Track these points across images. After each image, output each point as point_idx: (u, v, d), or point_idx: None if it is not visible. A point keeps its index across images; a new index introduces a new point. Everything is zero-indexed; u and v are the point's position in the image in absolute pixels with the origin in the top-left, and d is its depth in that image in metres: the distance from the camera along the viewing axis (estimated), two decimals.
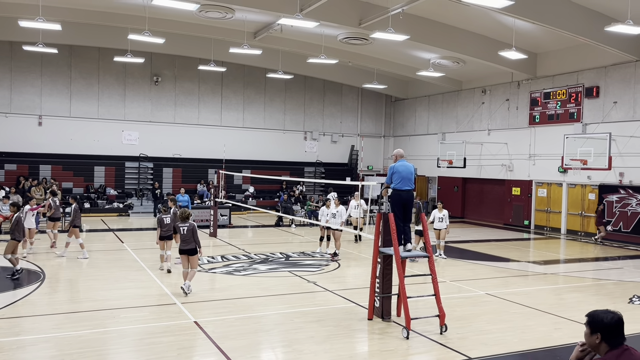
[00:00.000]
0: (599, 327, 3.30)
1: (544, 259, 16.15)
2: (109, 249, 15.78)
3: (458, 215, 26.92)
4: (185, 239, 10.21)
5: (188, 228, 10.21)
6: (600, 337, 3.30)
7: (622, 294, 11.44)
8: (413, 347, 7.65)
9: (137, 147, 27.52)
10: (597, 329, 3.31)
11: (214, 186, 20.88)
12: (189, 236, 10.19)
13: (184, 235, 10.20)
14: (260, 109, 30.39)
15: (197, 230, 10.37)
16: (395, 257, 8.45)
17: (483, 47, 21.24)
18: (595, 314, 3.37)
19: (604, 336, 3.29)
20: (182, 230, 10.22)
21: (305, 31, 20.85)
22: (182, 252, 10.32)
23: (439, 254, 15.15)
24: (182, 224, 10.29)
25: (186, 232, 10.18)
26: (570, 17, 17.30)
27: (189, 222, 10.34)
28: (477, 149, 25.92)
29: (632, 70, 19.76)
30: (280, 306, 9.72)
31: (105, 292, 10.37)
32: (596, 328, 3.32)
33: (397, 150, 9.17)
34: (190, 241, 10.20)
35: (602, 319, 3.31)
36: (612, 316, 3.32)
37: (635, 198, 19.55)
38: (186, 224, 10.28)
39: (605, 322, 3.30)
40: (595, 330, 3.32)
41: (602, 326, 3.29)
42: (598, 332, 3.31)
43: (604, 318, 3.31)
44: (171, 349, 7.25)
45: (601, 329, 3.30)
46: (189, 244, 10.21)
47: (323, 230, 15.48)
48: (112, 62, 25.83)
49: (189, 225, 10.26)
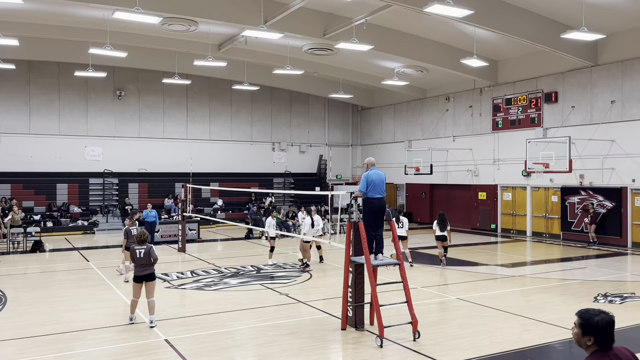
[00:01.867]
0: (592, 330, 3.23)
1: (512, 262, 16.47)
2: (73, 269, 15.33)
3: (426, 221, 27.23)
4: (141, 264, 9.09)
5: (145, 251, 9.12)
6: (593, 340, 3.23)
7: (587, 293, 11.73)
8: (387, 356, 7.66)
9: (101, 162, 26.95)
10: (590, 332, 3.24)
11: (181, 200, 20.60)
12: (146, 260, 9.09)
13: (140, 259, 9.07)
14: (226, 120, 30.21)
15: (155, 253, 9.26)
16: (366, 266, 8.46)
17: (445, 55, 21.68)
18: (587, 316, 3.26)
19: (597, 340, 3.23)
20: (139, 253, 9.07)
21: (270, 42, 20.88)
22: (138, 279, 9.10)
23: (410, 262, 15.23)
24: (139, 247, 9.16)
25: (143, 255, 9.08)
26: (527, 25, 17.84)
27: (147, 245, 9.22)
28: (443, 156, 26.33)
29: (587, 76, 20.46)
30: (253, 320, 9.60)
31: (70, 314, 10.05)
32: (589, 331, 3.24)
33: (368, 159, 9.26)
34: (147, 266, 9.11)
35: (596, 323, 3.22)
36: (605, 318, 3.24)
37: (595, 199, 20.16)
38: (143, 246, 9.16)
39: (599, 325, 3.21)
40: (587, 333, 3.24)
41: (596, 330, 3.22)
42: (591, 335, 3.23)
43: (598, 322, 3.21)
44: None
45: (594, 333, 3.23)
46: (147, 269, 9.10)
47: (271, 241, 15.62)
48: (73, 76, 25.30)
49: (146, 248, 9.15)
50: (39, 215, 24.53)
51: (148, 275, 9.14)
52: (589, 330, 3.24)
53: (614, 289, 12.14)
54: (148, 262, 9.13)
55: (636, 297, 11.25)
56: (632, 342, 8.21)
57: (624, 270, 15.15)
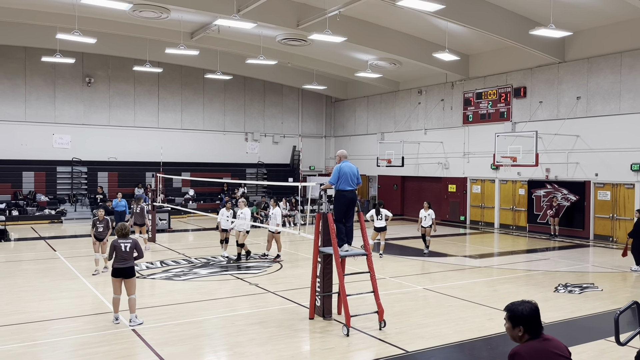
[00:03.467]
0: (520, 320, 3.42)
1: (479, 253, 16.84)
2: (40, 258, 15.07)
3: (398, 212, 27.54)
4: (124, 257, 8.62)
5: (131, 245, 8.72)
6: (523, 330, 3.42)
7: (549, 283, 12.11)
8: (353, 344, 7.80)
9: (69, 151, 26.42)
10: (518, 322, 3.43)
11: (151, 190, 20.37)
12: (130, 254, 8.69)
13: (125, 253, 8.64)
14: (199, 110, 29.92)
15: (140, 247, 8.94)
16: (334, 256, 8.57)
17: (418, 48, 21.88)
18: (514, 309, 3.47)
19: (526, 328, 3.42)
20: (124, 247, 8.66)
21: (243, 32, 20.73)
22: (117, 271, 8.58)
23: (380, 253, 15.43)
24: (123, 241, 8.74)
25: (128, 249, 8.68)
26: (498, 21, 18.14)
27: (131, 239, 8.84)
28: (414, 148, 26.63)
29: (555, 72, 20.92)
30: (222, 310, 9.64)
31: (35, 304, 9.91)
32: (518, 321, 3.43)
33: (340, 151, 9.34)
34: (129, 259, 8.66)
35: (522, 312, 3.42)
36: (529, 307, 3.45)
37: (560, 192, 20.71)
38: (128, 241, 8.77)
39: (525, 314, 3.42)
40: (517, 324, 3.44)
41: (524, 319, 3.42)
42: (520, 325, 3.43)
43: (523, 310, 3.42)
44: (107, 359, 7.04)
45: (522, 322, 3.42)
46: (128, 262, 8.62)
47: (222, 233, 15.00)
48: (40, 62, 24.69)
49: (131, 242, 8.76)
50: (3, 203, 23.95)
51: (128, 269, 8.62)
52: (517, 320, 3.44)
53: (574, 279, 12.55)
54: (129, 256, 8.66)
55: (595, 287, 11.66)
56: (590, 331, 8.54)
57: (585, 262, 15.65)
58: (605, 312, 9.57)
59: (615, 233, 19.21)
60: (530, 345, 3.40)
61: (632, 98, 18.52)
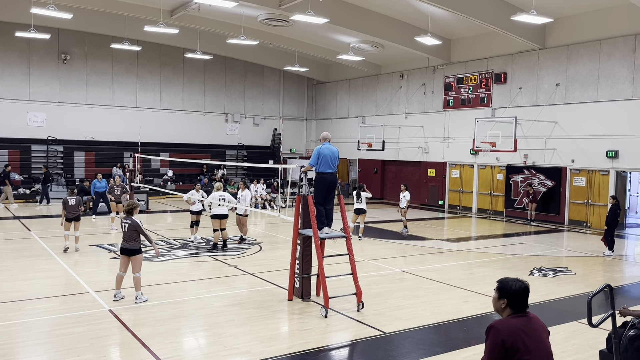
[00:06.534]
0: (506, 293, 3.55)
1: (457, 237, 17.05)
2: (14, 238, 14.80)
3: (377, 196, 27.68)
4: (126, 238, 8.67)
5: (130, 225, 8.66)
6: (506, 303, 3.55)
7: (525, 267, 12.33)
8: (331, 325, 7.85)
9: (44, 129, 25.86)
10: (504, 295, 3.56)
11: (129, 170, 20.09)
12: (129, 234, 8.66)
13: (125, 233, 8.66)
14: (178, 90, 29.48)
15: (142, 228, 8.76)
16: (314, 239, 8.58)
17: (401, 32, 21.80)
18: (504, 281, 3.60)
19: (509, 302, 3.54)
20: (124, 226, 8.67)
21: (224, 11, 20.39)
22: (122, 251, 8.75)
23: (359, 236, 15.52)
24: (125, 219, 8.76)
25: (127, 229, 8.64)
26: (480, 6, 18.15)
27: (132, 219, 8.74)
28: (395, 132, 26.69)
29: (535, 58, 21.08)
30: (200, 291, 9.61)
31: (9, 284, 9.75)
32: (503, 294, 3.56)
33: (323, 133, 9.36)
34: (131, 240, 8.64)
35: (510, 287, 3.54)
36: (519, 284, 3.56)
37: (537, 178, 21.02)
38: (128, 220, 8.73)
39: (512, 289, 3.53)
40: (502, 296, 3.57)
41: (509, 293, 3.54)
42: (505, 298, 3.55)
43: (512, 285, 3.54)
44: (83, 340, 6.97)
45: (508, 295, 3.54)
46: (129, 242, 8.64)
47: (193, 216, 14.57)
48: (14, 37, 23.97)
49: (131, 223, 8.67)
50: None
51: (132, 250, 8.64)
52: (503, 292, 3.57)
53: (549, 263, 12.81)
54: (131, 236, 8.63)
55: (568, 271, 11.91)
56: (563, 313, 8.73)
57: (560, 246, 15.97)
58: (578, 295, 9.80)
59: (589, 219, 19.61)
60: (508, 320, 3.51)
61: (610, 86, 18.78)
